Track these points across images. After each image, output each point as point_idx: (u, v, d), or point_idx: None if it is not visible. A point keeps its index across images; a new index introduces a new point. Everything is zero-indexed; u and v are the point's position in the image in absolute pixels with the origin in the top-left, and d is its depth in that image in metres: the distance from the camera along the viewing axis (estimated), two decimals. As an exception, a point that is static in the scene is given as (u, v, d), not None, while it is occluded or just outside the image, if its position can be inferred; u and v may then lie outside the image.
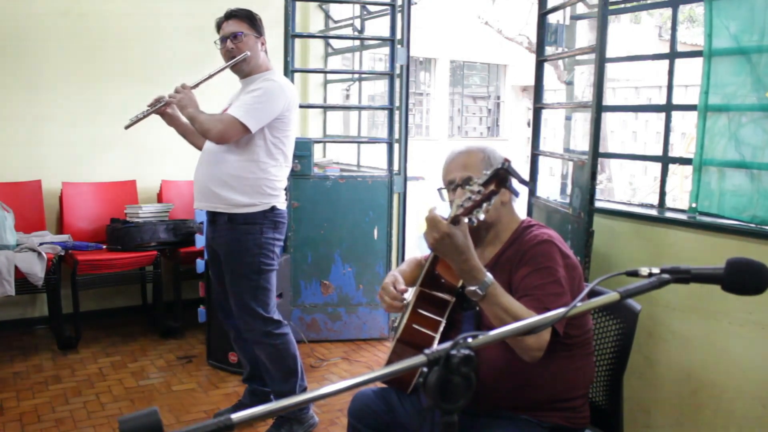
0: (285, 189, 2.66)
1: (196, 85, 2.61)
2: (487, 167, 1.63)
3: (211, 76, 2.61)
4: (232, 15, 2.59)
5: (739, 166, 2.31)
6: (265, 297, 2.62)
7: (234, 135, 2.47)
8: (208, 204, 2.60)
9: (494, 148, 1.72)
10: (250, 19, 2.60)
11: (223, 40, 2.58)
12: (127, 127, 2.61)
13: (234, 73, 2.65)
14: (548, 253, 1.56)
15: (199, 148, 2.72)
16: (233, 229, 2.56)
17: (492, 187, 1.28)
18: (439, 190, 1.74)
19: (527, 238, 1.62)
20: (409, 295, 1.76)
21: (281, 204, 2.62)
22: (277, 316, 2.67)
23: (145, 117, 2.61)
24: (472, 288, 1.45)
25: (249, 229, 2.55)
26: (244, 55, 2.55)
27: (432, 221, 1.43)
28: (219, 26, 2.63)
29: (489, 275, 1.46)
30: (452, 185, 1.69)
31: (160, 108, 2.62)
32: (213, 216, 2.64)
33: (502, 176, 1.28)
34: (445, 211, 1.67)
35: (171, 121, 2.70)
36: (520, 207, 1.59)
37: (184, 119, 2.64)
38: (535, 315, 1.42)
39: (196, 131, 2.56)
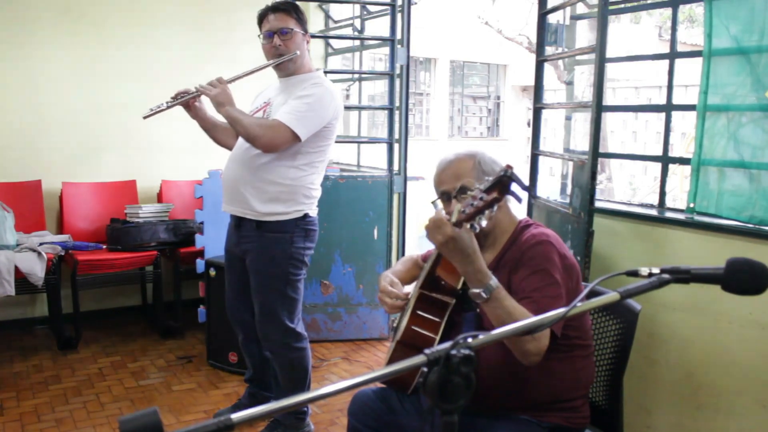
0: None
1: (233, 80, 2.41)
2: (479, 173, 1.62)
3: (251, 72, 2.43)
4: (278, 8, 2.40)
5: (739, 166, 2.31)
6: (292, 307, 2.52)
7: (284, 144, 2.30)
8: (237, 209, 2.46)
9: (484, 151, 1.69)
10: (297, 13, 2.42)
11: (269, 35, 2.40)
12: (145, 117, 2.40)
13: (273, 70, 2.48)
14: (546, 254, 1.55)
15: (227, 146, 2.56)
16: (261, 236, 2.42)
17: (495, 194, 1.27)
18: (434, 202, 1.70)
19: (525, 238, 1.61)
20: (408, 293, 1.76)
21: (313, 211, 2.48)
22: (299, 328, 2.56)
23: (168, 108, 2.40)
24: (477, 290, 1.44)
25: (278, 238, 2.42)
26: (293, 55, 2.39)
27: (437, 222, 1.41)
28: (261, 19, 2.44)
29: (494, 279, 1.45)
30: (446, 196, 1.67)
31: (187, 100, 2.43)
32: (239, 220, 2.49)
33: (504, 183, 1.27)
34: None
35: (196, 115, 2.52)
36: (521, 207, 1.58)
37: (210, 114, 2.48)
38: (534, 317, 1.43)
39: (236, 133, 2.38)
